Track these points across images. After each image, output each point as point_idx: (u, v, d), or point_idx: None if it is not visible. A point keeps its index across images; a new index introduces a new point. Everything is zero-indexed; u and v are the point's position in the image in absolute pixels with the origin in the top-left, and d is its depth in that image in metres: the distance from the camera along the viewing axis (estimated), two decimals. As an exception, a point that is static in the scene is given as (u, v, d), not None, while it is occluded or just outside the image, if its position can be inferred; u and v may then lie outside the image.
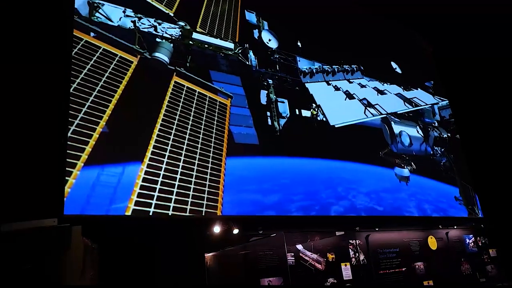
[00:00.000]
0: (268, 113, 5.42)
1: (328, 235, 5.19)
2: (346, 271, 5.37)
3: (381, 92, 7.44)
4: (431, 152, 7.61)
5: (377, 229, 6.04)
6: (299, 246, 5.06)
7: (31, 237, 2.60)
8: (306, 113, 5.95)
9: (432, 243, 6.78)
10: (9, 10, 3.86)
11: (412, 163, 7.05)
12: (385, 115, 7.08)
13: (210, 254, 3.91)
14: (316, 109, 6.02)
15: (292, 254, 4.96)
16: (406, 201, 6.76)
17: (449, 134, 8.29)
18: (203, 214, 4.04)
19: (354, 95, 6.89)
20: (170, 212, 3.82)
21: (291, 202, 5.18)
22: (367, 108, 6.87)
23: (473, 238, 7.62)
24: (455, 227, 7.31)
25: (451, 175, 7.69)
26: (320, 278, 5.09)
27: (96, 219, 3.61)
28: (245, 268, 4.55)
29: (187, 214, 3.92)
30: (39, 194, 3.49)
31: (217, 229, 4.27)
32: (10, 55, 3.75)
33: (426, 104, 8.16)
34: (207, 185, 4.24)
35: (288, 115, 5.66)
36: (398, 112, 7.43)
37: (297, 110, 5.84)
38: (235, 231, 4.26)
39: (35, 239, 2.62)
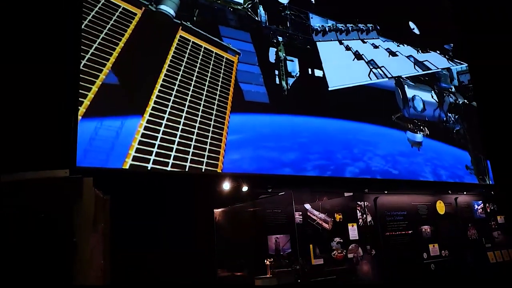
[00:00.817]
0: (276, 72, 5.31)
1: (337, 196, 5.22)
2: (353, 232, 5.43)
3: (393, 54, 7.19)
4: (444, 119, 7.46)
5: (386, 192, 6.04)
6: (307, 206, 5.11)
7: (44, 187, 2.64)
8: (318, 73, 5.83)
9: (440, 207, 6.79)
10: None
11: (426, 129, 6.95)
12: (397, 78, 6.90)
13: (219, 209, 3.96)
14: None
15: (300, 213, 5.01)
16: (422, 166, 6.72)
17: (465, 101, 8.09)
18: (203, 171, 4.07)
19: (363, 56, 6.68)
20: (169, 168, 3.84)
21: (307, 160, 5.22)
22: (372, 70, 6.64)
23: (482, 204, 7.61)
24: (465, 193, 7.28)
25: (463, 143, 7.58)
26: (327, 237, 5.16)
27: (108, 172, 3.66)
28: (253, 225, 4.62)
29: (186, 170, 3.96)
30: (51, 147, 3.52)
31: (226, 185, 4.31)
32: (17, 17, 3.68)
33: (438, 68, 7.88)
34: (208, 143, 4.23)
35: (297, 75, 5.54)
36: (410, 76, 7.23)
37: (309, 70, 5.72)
38: (245, 188, 4.29)
39: (47, 189, 2.66)
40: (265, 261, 3.43)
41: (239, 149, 4.65)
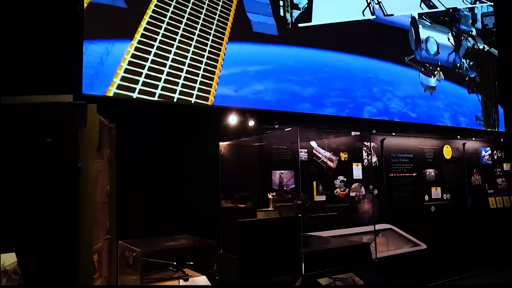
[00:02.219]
0: (281, 3, 5.05)
1: (343, 135, 5.19)
2: (357, 171, 5.47)
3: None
4: (458, 64, 7.13)
5: (393, 133, 6.00)
6: (313, 143, 5.10)
7: (49, 111, 2.62)
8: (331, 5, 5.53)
9: (447, 152, 6.77)
10: None
11: (441, 73, 6.71)
12: (412, 17, 6.51)
13: (225, 143, 3.96)
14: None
15: (306, 150, 5.02)
16: (442, 111, 6.61)
17: (485, 46, 7.70)
18: (192, 103, 4.03)
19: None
20: (156, 98, 3.79)
21: (327, 97, 5.17)
22: (370, 4, 6.17)
23: (490, 151, 7.57)
24: (473, 139, 7.21)
25: (475, 92, 7.34)
26: (331, 175, 5.22)
27: (112, 100, 3.63)
28: (258, 159, 4.65)
29: (174, 101, 3.91)
30: (56, 72, 3.46)
31: (233, 119, 4.28)
32: None
33: (445, 8, 7.29)
34: (200, 75, 4.12)
35: (305, 7, 5.26)
36: (428, 13, 6.80)
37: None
38: (251, 123, 4.26)
39: (52, 114, 2.64)
40: (268, 194, 3.48)
41: (260, 80, 4.61)
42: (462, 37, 7.28)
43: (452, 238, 6.35)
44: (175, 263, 2.60)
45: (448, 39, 7.03)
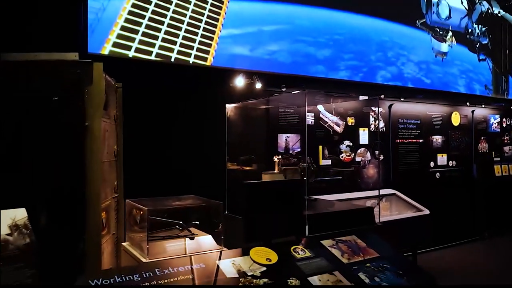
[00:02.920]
0: None
1: (351, 99, 5.13)
2: (363, 136, 5.46)
3: None
4: (470, 30, 6.90)
5: (402, 99, 5.92)
6: (320, 107, 5.06)
7: (55, 69, 2.59)
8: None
9: (456, 119, 6.71)
10: None
11: (453, 38, 6.51)
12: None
13: (232, 105, 3.93)
14: None
15: (313, 114, 4.99)
16: (457, 78, 6.48)
17: (500, 11, 7.42)
18: (190, 63, 3.94)
19: None
20: (153, 57, 3.72)
21: (341, 59, 5.07)
22: None
23: (499, 119, 7.49)
24: (483, 106, 7.12)
25: (486, 59, 7.14)
26: (337, 139, 5.21)
27: (119, 59, 3.58)
28: (265, 122, 4.64)
29: (172, 61, 3.82)
30: (62, 30, 3.40)
31: (240, 81, 4.23)
32: None
33: None
34: (199, 34, 4.02)
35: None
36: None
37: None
38: (258, 85, 4.21)
39: (58, 72, 2.62)
40: (274, 157, 3.49)
41: (275, 40, 4.51)
42: (477, 0, 7.02)
43: (456, 205, 6.41)
44: (181, 222, 2.65)
45: (462, 2, 6.78)
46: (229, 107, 3.95)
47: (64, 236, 2.54)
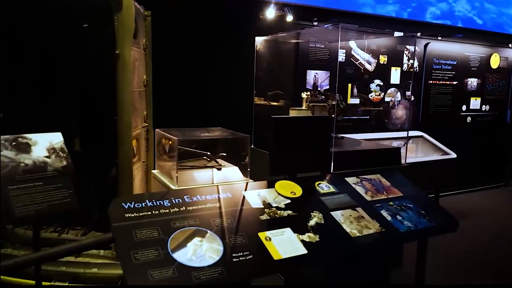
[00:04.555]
0: None
1: (386, 35, 4.90)
2: (395, 76, 5.29)
3: None
4: None
5: (439, 37, 5.62)
6: (352, 44, 4.88)
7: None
8: None
9: (495, 61, 6.36)
10: None
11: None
12: None
13: (261, 38, 3.83)
14: None
15: (344, 51, 4.82)
16: None
17: None
18: None
19: None
20: None
21: None
22: None
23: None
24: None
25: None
26: (368, 78, 5.07)
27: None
28: (294, 57, 4.52)
29: None
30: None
31: (271, 13, 4.08)
32: None
33: None
34: None
35: None
36: None
37: None
38: (289, 18, 4.06)
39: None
40: (302, 94, 3.44)
41: None
42: None
43: (484, 150, 6.29)
44: (209, 153, 2.71)
45: None
46: (259, 40, 3.85)
47: (98, 160, 2.66)
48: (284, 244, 1.84)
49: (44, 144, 2.08)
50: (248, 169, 2.64)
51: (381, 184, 2.57)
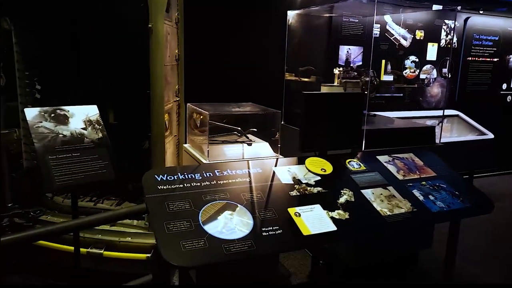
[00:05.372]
0: None
1: (423, 9, 4.70)
2: (432, 52, 5.09)
3: None
4: None
5: (481, 11, 5.35)
6: (388, 18, 4.71)
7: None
8: None
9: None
10: None
11: None
12: None
13: (293, 12, 3.75)
14: None
15: (378, 25, 4.67)
16: None
17: None
18: None
19: None
20: None
21: None
22: None
23: None
24: None
25: None
26: (402, 54, 4.90)
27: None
28: (327, 32, 4.42)
29: None
30: None
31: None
32: None
33: None
34: None
35: None
36: None
37: None
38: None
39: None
40: (334, 70, 3.37)
41: None
42: None
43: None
44: (239, 128, 2.72)
45: None
46: (291, 14, 3.78)
47: (131, 133, 2.71)
48: (314, 220, 1.85)
49: (81, 116, 2.14)
50: (279, 145, 2.64)
51: (413, 163, 2.52)
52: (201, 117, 2.64)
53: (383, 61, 4.75)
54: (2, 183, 2.78)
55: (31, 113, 2.03)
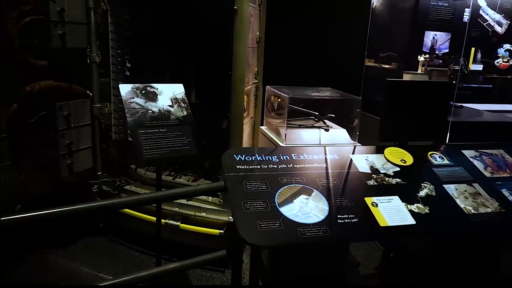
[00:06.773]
0: None
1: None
2: (531, 40, 4.63)
3: None
4: None
5: None
6: (482, 2, 4.35)
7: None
8: None
9: None
10: None
11: None
12: None
13: (378, -5, 3.61)
14: None
15: (469, 10, 4.32)
16: None
17: None
18: None
19: None
20: None
21: None
22: None
23: None
24: None
25: None
26: (496, 42, 4.52)
27: None
28: (412, 16, 4.19)
29: None
30: None
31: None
32: None
33: None
34: None
35: None
36: None
37: None
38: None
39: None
40: (419, 57, 3.20)
41: None
42: None
43: None
44: (317, 113, 2.70)
45: None
46: (375, -3, 3.63)
47: (211, 112, 2.80)
48: (391, 212, 1.80)
49: (168, 94, 2.25)
50: (357, 133, 2.59)
51: (503, 160, 2.34)
52: (279, 100, 2.66)
53: (473, 49, 4.41)
54: (94, 153, 3.03)
55: (124, 89, 2.17)
